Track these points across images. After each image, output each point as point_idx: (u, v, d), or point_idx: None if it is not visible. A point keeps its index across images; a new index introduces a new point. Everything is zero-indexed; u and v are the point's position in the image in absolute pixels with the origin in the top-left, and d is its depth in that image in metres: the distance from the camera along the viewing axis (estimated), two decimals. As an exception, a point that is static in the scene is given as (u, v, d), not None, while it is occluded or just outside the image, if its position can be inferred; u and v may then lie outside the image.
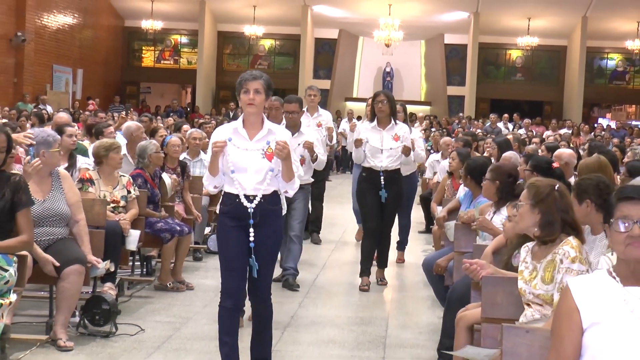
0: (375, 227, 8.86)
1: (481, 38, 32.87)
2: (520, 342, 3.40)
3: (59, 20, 29.66)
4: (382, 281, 9.04)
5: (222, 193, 5.55)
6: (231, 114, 25.67)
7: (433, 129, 25.10)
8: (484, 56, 34.11)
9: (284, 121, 8.53)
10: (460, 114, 30.38)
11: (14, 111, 19.92)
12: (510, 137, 13.37)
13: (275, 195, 5.49)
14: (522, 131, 23.42)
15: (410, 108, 32.49)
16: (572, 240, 4.46)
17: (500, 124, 25.52)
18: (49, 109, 22.78)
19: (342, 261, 10.57)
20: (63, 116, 10.73)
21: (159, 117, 23.32)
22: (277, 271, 8.46)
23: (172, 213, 8.86)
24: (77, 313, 6.80)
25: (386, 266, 9.25)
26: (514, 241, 5.12)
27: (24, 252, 5.87)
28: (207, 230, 10.73)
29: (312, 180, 9.16)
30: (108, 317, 6.71)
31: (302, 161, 8.53)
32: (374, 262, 9.16)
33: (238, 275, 5.40)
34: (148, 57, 36.25)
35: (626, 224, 3.14)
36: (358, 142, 8.79)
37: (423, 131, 26.37)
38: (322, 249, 11.45)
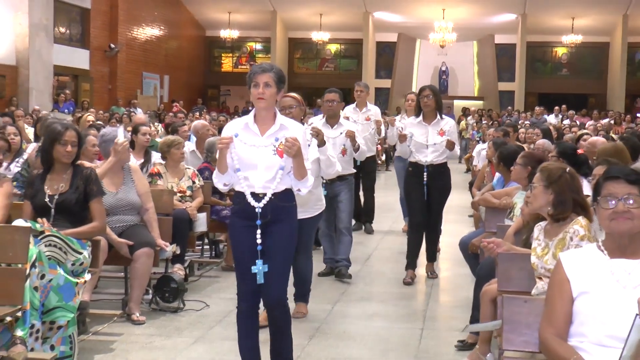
0: (420, 222, 8.25)
1: (529, 37, 32.47)
2: (519, 311, 3.38)
3: (147, 32, 30.10)
4: (432, 274, 8.38)
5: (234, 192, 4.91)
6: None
7: (484, 122, 24.92)
8: (531, 54, 33.71)
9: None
10: (509, 107, 30.09)
11: (107, 114, 20.28)
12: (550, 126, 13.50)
13: (287, 192, 4.78)
14: (567, 122, 23.10)
15: (464, 103, 33.11)
16: (581, 219, 4.42)
17: (551, 116, 25.35)
18: (139, 111, 23.11)
19: (393, 244, 10.47)
20: (140, 117, 10.92)
21: (235, 116, 23.48)
22: (322, 266, 8.45)
23: (237, 201, 8.91)
24: (149, 291, 6.94)
25: (435, 259, 8.57)
26: (532, 223, 5.07)
27: (98, 237, 6.00)
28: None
29: (354, 171, 8.57)
30: (176, 295, 6.84)
31: (344, 152, 8.12)
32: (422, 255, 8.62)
33: (250, 279, 4.69)
34: (227, 63, 36.64)
35: (612, 201, 3.11)
36: (402, 138, 8.08)
37: (475, 123, 26.30)
38: (376, 232, 11.43)
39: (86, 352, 5.61)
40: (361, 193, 11.30)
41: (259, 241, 4.67)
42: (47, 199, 5.81)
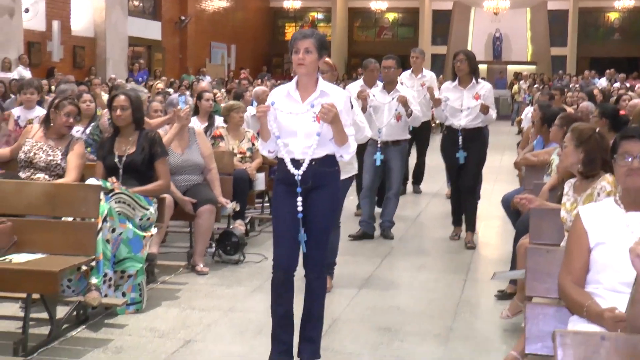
0: (458, 185, 8.02)
1: (581, 3, 31.94)
2: (542, 261, 3.45)
3: (214, 4, 30.32)
4: (469, 244, 7.81)
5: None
6: (359, 78, 25.73)
7: (536, 85, 24.63)
8: (583, 19, 33.10)
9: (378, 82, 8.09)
10: (560, 71, 29.60)
11: (177, 82, 20.61)
12: (596, 90, 13.32)
13: (328, 158, 4.41)
14: (617, 85, 22.68)
15: (517, 68, 32.62)
16: (608, 176, 4.43)
17: (602, 79, 24.89)
18: (207, 78, 23.37)
19: (441, 205, 10.32)
20: (203, 84, 11.11)
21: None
22: (354, 228, 8.31)
23: (294, 162, 9.04)
24: (213, 244, 7.13)
25: (474, 230, 8.01)
26: (566, 179, 5.09)
27: (164, 195, 6.20)
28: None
29: (409, 137, 8.37)
30: (237, 248, 7.02)
31: (399, 117, 7.89)
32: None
33: (287, 245, 4.39)
34: (290, 32, 36.56)
35: (627, 159, 3.16)
36: (437, 102, 7.76)
37: (528, 87, 26.00)
38: (425, 193, 11.44)
39: (154, 299, 5.82)
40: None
41: (299, 209, 4.33)
42: (116, 160, 6.03)
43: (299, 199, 4.33)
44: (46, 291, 4.75)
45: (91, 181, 5.57)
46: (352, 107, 5.51)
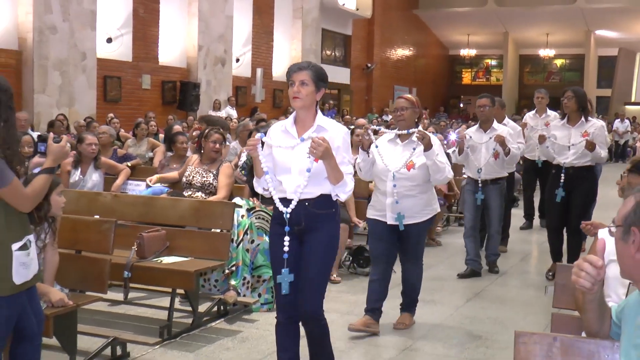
0: (555, 224, 7.02)
1: None
2: (567, 276, 3.36)
3: (398, 52, 30.71)
4: None
5: None
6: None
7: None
8: None
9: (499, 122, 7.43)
10: None
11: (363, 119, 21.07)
12: None
13: (324, 198, 3.73)
14: None
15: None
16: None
17: None
18: (388, 117, 23.72)
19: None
20: (360, 121, 11.40)
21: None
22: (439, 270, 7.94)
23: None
24: (349, 258, 7.34)
25: None
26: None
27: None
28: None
29: (506, 174, 7.39)
30: (368, 262, 7.14)
31: (496, 155, 7.03)
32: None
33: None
34: (466, 77, 36.53)
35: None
36: (541, 139, 6.92)
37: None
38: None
39: (287, 301, 6.11)
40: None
41: (285, 249, 3.69)
42: (258, 183, 6.39)
43: (287, 238, 3.70)
44: (185, 287, 5.16)
45: (236, 200, 5.97)
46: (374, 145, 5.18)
